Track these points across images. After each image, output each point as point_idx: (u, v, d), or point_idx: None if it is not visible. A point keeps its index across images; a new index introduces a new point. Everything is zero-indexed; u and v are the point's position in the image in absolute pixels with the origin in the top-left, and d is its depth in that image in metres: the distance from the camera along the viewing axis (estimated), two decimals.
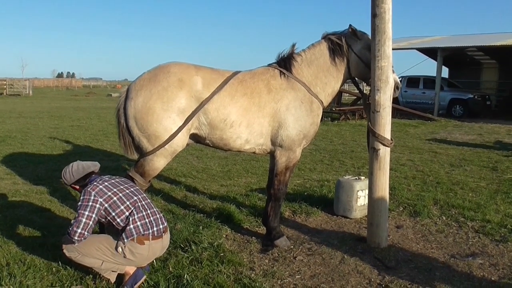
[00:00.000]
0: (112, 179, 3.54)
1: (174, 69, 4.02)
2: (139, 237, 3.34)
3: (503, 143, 11.71)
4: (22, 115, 17.69)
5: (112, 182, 3.48)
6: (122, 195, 3.41)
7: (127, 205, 3.38)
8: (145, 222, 3.39)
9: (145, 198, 3.58)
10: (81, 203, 3.28)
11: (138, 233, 3.33)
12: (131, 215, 3.35)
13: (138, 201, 3.46)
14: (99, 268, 3.42)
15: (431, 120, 17.40)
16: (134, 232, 3.33)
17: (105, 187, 3.39)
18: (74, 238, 3.23)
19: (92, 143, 10.57)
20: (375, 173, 4.32)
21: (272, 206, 4.41)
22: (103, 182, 3.44)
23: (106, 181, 3.46)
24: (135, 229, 3.33)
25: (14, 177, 6.93)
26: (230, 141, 4.14)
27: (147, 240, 3.36)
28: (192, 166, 8.18)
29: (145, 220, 3.40)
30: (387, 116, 4.24)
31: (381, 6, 4.04)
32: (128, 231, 3.32)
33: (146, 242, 3.36)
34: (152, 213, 3.49)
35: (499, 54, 22.20)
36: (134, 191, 3.55)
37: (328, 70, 4.36)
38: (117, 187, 3.45)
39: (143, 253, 3.38)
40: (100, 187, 3.37)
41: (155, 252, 3.50)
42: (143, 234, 3.35)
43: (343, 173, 7.46)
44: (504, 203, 5.84)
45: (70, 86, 70.22)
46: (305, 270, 3.87)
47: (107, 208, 3.32)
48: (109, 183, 3.45)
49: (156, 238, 3.43)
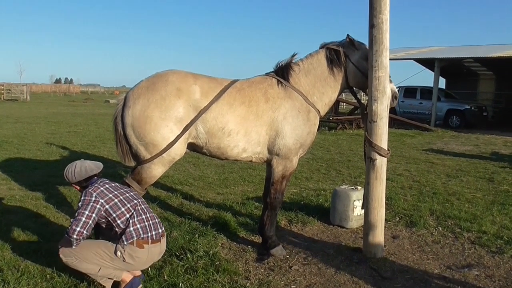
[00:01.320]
0: (112, 182, 3.59)
1: (172, 78, 4.02)
2: (139, 240, 3.35)
3: (499, 154, 11.75)
4: (19, 120, 17.65)
5: (112, 185, 3.53)
6: (123, 197, 3.46)
7: (128, 207, 3.41)
8: (144, 225, 3.41)
9: (144, 202, 3.63)
10: (82, 203, 3.30)
11: (138, 235, 3.35)
12: (131, 217, 3.38)
13: (138, 205, 3.50)
14: (96, 275, 3.40)
15: (428, 130, 17.45)
16: (134, 234, 3.34)
17: (106, 189, 3.43)
18: (72, 237, 3.22)
19: (89, 149, 10.55)
20: (372, 183, 4.32)
21: (268, 215, 4.40)
22: (104, 184, 3.48)
23: (107, 184, 3.51)
24: (135, 231, 3.35)
25: (9, 183, 6.90)
26: (228, 150, 4.14)
27: (146, 244, 3.37)
28: (188, 173, 8.17)
29: (145, 223, 3.43)
30: (384, 126, 4.25)
31: (378, 17, 4.07)
32: (128, 233, 3.33)
33: (145, 246, 3.37)
34: (151, 217, 3.52)
35: (496, 65, 22.38)
36: (134, 195, 3.60)
37: (326, 80, 4.38)
38: (117, 190, 3.51)
39: (142, 257, 3.38)
40: (101, 189, 3.40)
41: (153, 257, 3.51)
42: (142, 237, 3.36)
43: (339, 183, 7.46)
44: (500, 214, 5.85)
45: (68, 92, 70.32)
46: (300, 280, 3.85)
47: (108, 209, 3.34)
48: (110, 186, 3.49)
49: (155, 242, 3.44)
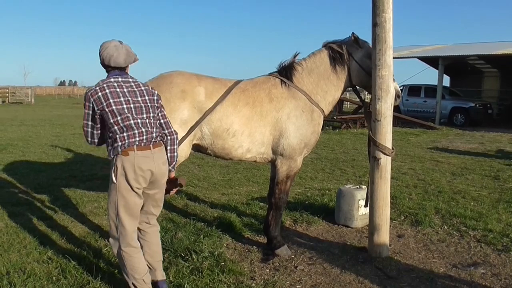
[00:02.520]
0: (123, 87, 3.19)
1: (176, 80, 4.02)
2: (124, 150, 3.10)
3: (505, 151, 11.69)
4: (24, 123, 17.74)
5: (118, 91, 3.15)
6: (127, 107, 3.13)
7: (120, 119, 3.10)
8: (133, 134, 3.12)
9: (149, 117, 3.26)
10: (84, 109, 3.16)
11: (124, 143, 3.09)
12: (121, 129, 3.11)
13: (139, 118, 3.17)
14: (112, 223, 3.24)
15: (432, 128, 17.40)
16: (120, 143, 3.10)
17: (104, 95, 3.09)
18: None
19: (94, 151, 10.57)
20: (376, 182, 4.31)
21: (273, 215, 4.40)
22: (109, 87, 3.12)
23: (113, 88, 3.14)
24: (121, 140, 3.10)
25: (15, 185, 6.93)
26: (232, 150, 4.14)
27: (131, 151, 3.10)
28: (193, 174, 8.18)
29: (134, 132, 3.13)
30: (388, 125, 4.24)
31: (381, 16, 4.06)
32: (117, 143, 3.11)
33: (130, 153, 3.10)
34: (143, 124, 3.18)
35: (500, 62, 22.24)
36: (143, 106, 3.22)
37: (329, 78, 4.37)
38: (123, 97, 3.14)
39: (129, 167, 3.11)
40: (99, 95, 3.09)
41: (142, 168, 3.14)
42: (128, 145, 3.11)
43: (344, 182, 7.45)
44: (506, 212, 5.82)
45: (72, 94, 70.53)
46: (306, 280, 3.85)
47: (105, 114, 3.09)
48: (114, 91, 3.13)
49: (143, 149, 3.14)
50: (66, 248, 4.35)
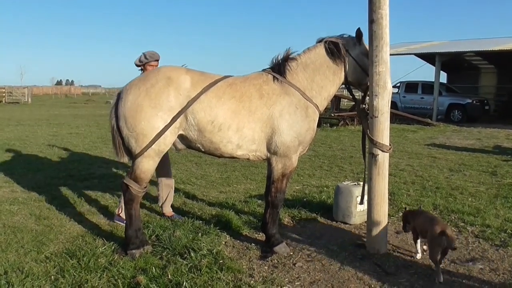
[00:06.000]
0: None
1: (164, 69, 4.13)
2: None
3: (502, 147, 11.72)
4: (20, 122, 17.69)
5: None
6: None
7: None
8: None
9: None
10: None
11: None
12: None
13: None
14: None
15: (429, 125, 17.41)
16: None
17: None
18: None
19: (91, 151, 10.56)
20: (374, 179, 4.31)
21: (270, 213, 4.39)
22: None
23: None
24: None
25: (12, 185, 6.91)
26: (221, 146, 4.12)
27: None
28: (191, 172, 8.16)
29: None
30: (385, 122, 4.23)
31: (378, 12, 4.05)
32: None
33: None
34: None
35: (497, 59, 22.30)
36: None
37: (325, 74, 4.33)
38: None
39: None
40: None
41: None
42: None
43: (342, 179, 7.45)
44: (503, 208, 5.83)
45: (69, 93, 70.39)
46: (304, 277, 3.85)
47: None
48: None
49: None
50: (64, 247, 4.34)
